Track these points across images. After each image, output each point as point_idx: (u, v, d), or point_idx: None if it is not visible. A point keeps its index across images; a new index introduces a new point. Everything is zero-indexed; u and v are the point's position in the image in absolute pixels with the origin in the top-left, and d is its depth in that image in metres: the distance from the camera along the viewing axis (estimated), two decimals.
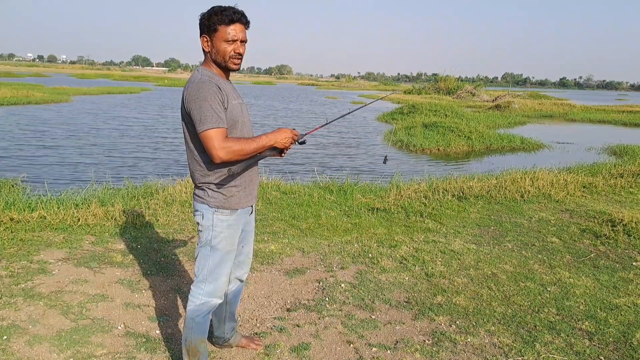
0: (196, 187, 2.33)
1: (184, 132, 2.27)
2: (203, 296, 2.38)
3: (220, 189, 2.28)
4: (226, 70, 2.30)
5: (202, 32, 2.23)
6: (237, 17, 2.20)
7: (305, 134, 2.42)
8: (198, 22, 2.24)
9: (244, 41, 2.26)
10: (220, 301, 2.46)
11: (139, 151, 11.15)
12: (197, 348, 2.43)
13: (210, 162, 2.19)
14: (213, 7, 2.21)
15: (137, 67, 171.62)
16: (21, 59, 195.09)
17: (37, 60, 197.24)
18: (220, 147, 2.09)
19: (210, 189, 2.28)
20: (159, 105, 24.68)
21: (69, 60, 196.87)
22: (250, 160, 2.23)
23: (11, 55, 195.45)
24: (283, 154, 2.34)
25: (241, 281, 2.69)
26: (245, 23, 2.25)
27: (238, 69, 2.30)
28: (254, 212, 2.55)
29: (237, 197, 2.32)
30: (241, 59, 2.27)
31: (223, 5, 2.22)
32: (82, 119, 16.61)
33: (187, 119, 2.19)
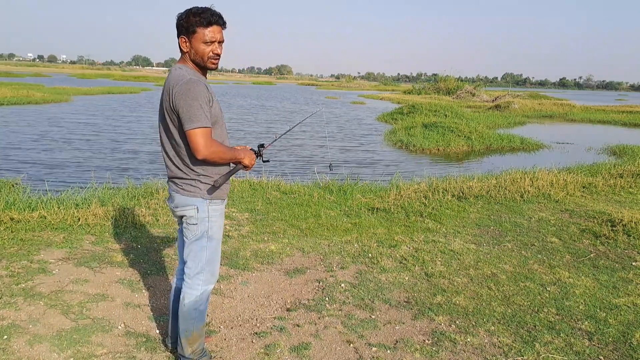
0: (185, 182, 2.35)
1: (165, 130, 2.31)
2: (202, 285, 2.49)
3: (210, 181, 2.37)
4: (204, 70, 2.37)
5: (180, 33, 2.27)
6: (215, 19, 2.26)
7: (266, 146, 2.61)
8: (175, 22, 2.27)
9: (221, 42, 2.33)
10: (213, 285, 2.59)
11: (140, 151, 11.15)
12: (200, 333, 2.57)
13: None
14: (191, 9, 2.26)
15: (138, 67, 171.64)
16: (21, 58, 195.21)
17: (37, 60, 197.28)
18: (207, 145, 2.19)
19: (202, 181, 2.36)
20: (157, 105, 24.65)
21: (69, 60, 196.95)
22: (229, 173, 2.40)
23: (11, 55, 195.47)
24: (248, 168, 2.47)
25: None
26: (223, 24, 2.31)
27: (216, 69, 2.39)
28: None
29: (224, 188, 2.46)
30: (219, 58, 2.35)
31: (200, 7, 2.26)
32: (81, 119, 16.61)
33: (173, 116, 2.23)
